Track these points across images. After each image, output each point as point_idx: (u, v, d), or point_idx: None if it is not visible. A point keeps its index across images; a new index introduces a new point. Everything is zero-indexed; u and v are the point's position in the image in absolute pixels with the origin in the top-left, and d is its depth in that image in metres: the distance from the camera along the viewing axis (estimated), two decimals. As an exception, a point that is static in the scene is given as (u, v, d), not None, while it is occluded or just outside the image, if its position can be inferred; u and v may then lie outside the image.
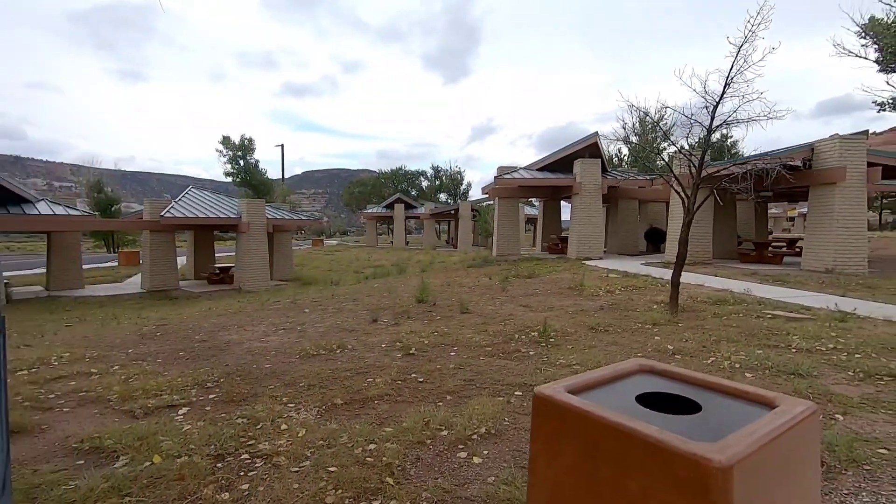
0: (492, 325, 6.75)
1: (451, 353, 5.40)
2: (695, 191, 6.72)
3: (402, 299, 9.12)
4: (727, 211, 16.28)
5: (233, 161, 28.80)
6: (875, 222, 48.34)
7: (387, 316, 7.68)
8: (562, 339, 5.84)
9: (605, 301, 8.14)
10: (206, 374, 4.77)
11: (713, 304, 7.64)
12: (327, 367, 4.92)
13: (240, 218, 17.06)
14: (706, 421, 1.39)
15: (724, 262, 14.36)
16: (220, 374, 4.81)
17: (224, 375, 4.76)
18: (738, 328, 5.92)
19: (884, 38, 18.19)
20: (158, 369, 5.05)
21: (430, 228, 34.95)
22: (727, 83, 6.30)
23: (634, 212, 19.05)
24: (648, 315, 6.70)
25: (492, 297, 8.98)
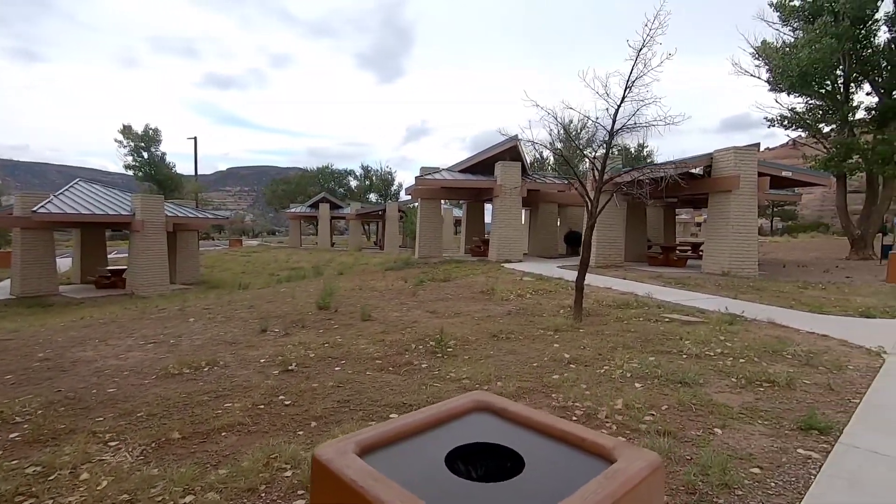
0: (392, 333, 6.29)
1: (336, 368, 4.87)
2: (597, 195, 6.66)
3: (303, 305, 8.43)
4: (638, 216, 16.99)
5: (135, 153, 26.13)
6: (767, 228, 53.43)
7: (280, 325, 6.99)
8: (460, 348, 5.50)
9: (514, 306, 7.96)
10: (20, 405, 3.90)
11: (617, 307, 7.68)
12: (183, 390, 4.22)
13: (133, 215, 15.37)
14: (521, 490, 1.02)
15: (634, 265, 14.91)
16: (41, 403, 3.96)
17: (45, 405, 3.92)
18: (635, 333, 5.89)
19: (773, 60, 19.89)
20: (-41, 400, 4.08)
21: (356, 229, 33.92)
22: (628, 86, 6.28)
23: (554, 215, 19.44)
24: (553, 321, 6.54)
25: (400, 303, 8.53)
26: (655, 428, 3.21)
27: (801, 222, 54.93)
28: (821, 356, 4.92)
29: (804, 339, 5.66)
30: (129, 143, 25.93)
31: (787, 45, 19.87)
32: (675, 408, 3.60)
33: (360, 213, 32.37)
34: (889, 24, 18.67)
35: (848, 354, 5.06)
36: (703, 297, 8.91)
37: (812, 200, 62.78)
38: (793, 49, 18.85)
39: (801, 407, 3.61)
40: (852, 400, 3.76)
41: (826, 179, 15.27)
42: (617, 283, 10.51)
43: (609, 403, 3.65)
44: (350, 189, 50.77)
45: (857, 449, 2.89)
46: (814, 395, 3.88)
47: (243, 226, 67.07)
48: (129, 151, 26.03)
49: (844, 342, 5.57)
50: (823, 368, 4.55)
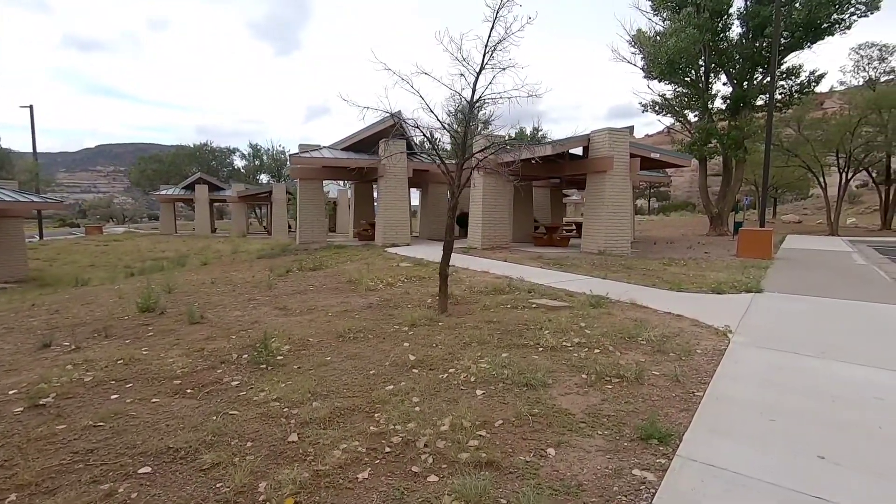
0: (218, 340, 5.21)
1: (113, 396, 3.74)
2: (458, 173, 6.04)
3: (124, 307, 6.95)
4: (525, 196, 17.07)
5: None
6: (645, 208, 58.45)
7: (78, 335, 5.56)
8: (294, 354, 4.61)
9: (379, 297, 7.19)
10: None
11: (488, 294, 7.23)
12: None
13: (-82, 199, 12.17)
14: None
15: (520, 246, 14.91)
16: None
17: None
18: (497, 324, 5.40)
19: (646, 48, 20.98)
20: None
21: (239, 213, 30.94)
22: (486, 52, 5.67)
23: (445, 196, 18.98)
24: (413, 313, 5.87)
25: (249, 299, 7.38)
26: (479, 457, 2.61)
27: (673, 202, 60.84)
28: (672, 340, 4.75)
29: (660, 321, 5.55)
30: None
31: (658, 35, 21.04)
32: (510, 422, 3.05)
33: (242, 196, 29.50)
34: (741, 20, 20.46)
35: (698, 336, 4.97)
36: (576, 278, 8.84)
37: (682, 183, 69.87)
38: (662, 38, 19.96)
39: (646, 407, 3.25)
40: (696, 392, 3.50)
41: (687, 161, 16.40)
42: (496, 266, 10.20)
43: (436, 424, 3.00)
44: (237, 170, 46.54)
45: (694, 463, 2.51)
46: (661, 389, 3.57)
47: (111, 210, 58.94)
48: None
49: (696, 322, 5.54)
50: (674, 354, 4.34)
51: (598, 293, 6.84)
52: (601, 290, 7.18)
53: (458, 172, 6.02)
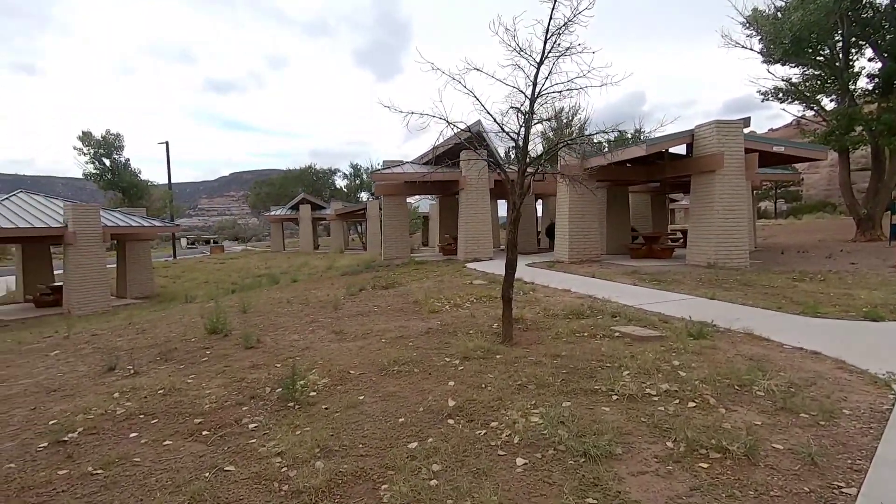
0: (263, 367, 4.96)
1: (132, 434, 3.53)
2: (520, 179, 5.24)
3: (195, 328, 7.10)
4: (619, 203, 15.54)
5: (95, 160, 24.79)
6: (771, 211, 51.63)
7: (143, 357, 5.67)
8: (327, 390, 4.14)
9: (441, 320, 6.57)
10: None
11: (564, 317, 6.28)
12: None
13: (66, 227, 14.10)
14: None
15: (613, 259, 13.47)
16: None
17: None
18: (565, 359, 4.49)
19: (764, 27, 18.27)
20: None
21: (337, 230, 32.53)
22: (548, 37, 4.85)
23: (532, 207, 17.99)
24: (471, 342, 5.15)
25: (312, 320, 7.18)
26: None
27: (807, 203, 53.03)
28: (805, 392, 3.51)
29: (787, 362, 4.24)
30: (90, 150, 24.65)
31: (778, 11, 18.25)
32: (549, 519, 2.21)
33: (340, 213, 30.97)
34: (891, -19, 16.99)
35: (844, 386, 3.65)
36: (676, 297, 7.49)
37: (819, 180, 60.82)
38: (784, 13, 17.23)
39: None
40: (844, 489, 2.36)
41: (822, 154, 13.70)
42: (581, 284, 9.10)
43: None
44: (339, 189, 49.36)
45: None
46: (784, 476, 2.48)
47: (235, 230, 65.92)
48: (90, 159, 24.76)
49: (841, 364, 4.15)
50: (807, 416, 3.14)
51: (702, 318, 5.58)
52: (706, 314, 5.89)
53: (518, 179, 5.23)
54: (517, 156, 5.29)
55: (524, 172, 5.21)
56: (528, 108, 5.08)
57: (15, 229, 13.36)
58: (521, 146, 5.19)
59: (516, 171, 5.25)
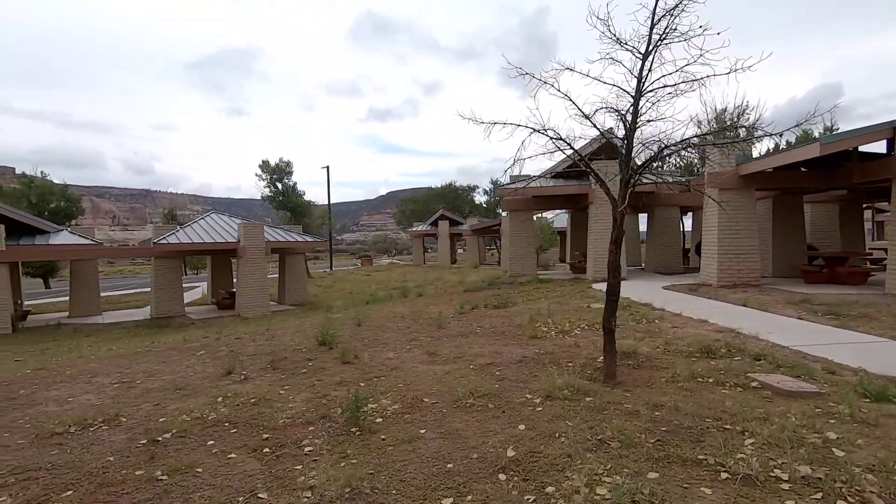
0: (348, 385, 5.02)
1: (210, 442, 3.75)
2: (622, 191, 4.48)
3: (307, 339, 7.57)
4: (791, 216, 12.88)
5: (271, 184, 29.20)
6: None
7: (255, 365, 6.18)
8: (394, 418, 3.96)
9: (542, 347, 5.98)
10: None
11: (689, 355, 5.23)
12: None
13: (238, 242, 16.58)
14: None
15: (780, 284, 11.14)
16: None
17: None
18: (670, 411, 3.64)
19: None
20: None
21: (472, 245, 33.04)
22: (655, 21, 4.08)
23: (675, 221, 15.94)
24: (560, 378, 4.52)
25: (413, 339, 7.14)
26: None
27: None
28: None
29: None
30: (266, 176, 29.18)
31: None
32: None
33: (475, 229, 31.44)
34: None
35: None
36: (858, 339, 5.78)
37: None
38: None
39: None
40: None
41: None
42: (725, 313, 7.61)
43: None
44: (478, 205, 50.38)
45: None
46: None
47: (386, 245, 71.66)
48: (267, 184, 29.28)
49: None
50: None
51: (891, 373, 4.13)
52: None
53: (620, 191, 4.49)
54: (620, 165, 4.55)
55: (628, 183, 4.46)
56: (633, 107, 4.35)
57: (200, 244, 16.11)
58: (625, 153, 4.45)
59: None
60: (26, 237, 15.75)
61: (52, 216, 39.32)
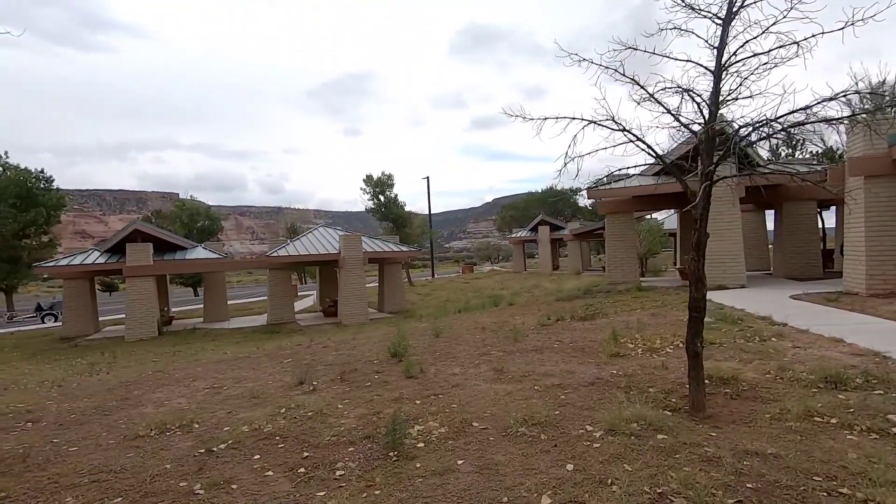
0: (403, 402, 4.87)
1: (257, 456, 3.79)
2: (703, 185, 3.74)
3: (384, 350, 7.58)
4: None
5: (374, 197, 30.73)
6: None
7: (327, 376, 6.31)
8: (437, 444, 3.70)
9: (621, 368, 5.28)
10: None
11: (809, 385, 4.23)
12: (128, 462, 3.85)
13: (339, 253, 17.55)
14: None
15: (960, 291, 8.81)
16: (-3, 458, 4.15)
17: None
18: (766, 460, 2.89)
19: None
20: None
21: (574, 250, 31.44)
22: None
23: (811, 218, 13.51)
24: (632, 408, 3.89)
25: (484, 353, 6.79)
26: None
27: None
28: None
29: None
30: (370, 189, 30.79)
31: None
32: None
33: (576, 233, 29.92)
34: None
35: None
36: None
37: None
38: None
39: None
40: None
41: None
42: (868, 331, 6.15)
43: None
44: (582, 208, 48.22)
45: None
46: None
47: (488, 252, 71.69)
48: (371, 196, 30.87)
49: None
50: None
51: None
52: None
53: (701, 185, 3.76)
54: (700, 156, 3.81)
55: (709, 176, 3.72)
56: (714, 85, 3.62)
57: (306, 255, 17.32)
58: (706, 140, 3.72)
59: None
60: (169, 253, 18.26)
61: (199, 233, 45.72)
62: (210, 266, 18.08)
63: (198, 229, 45.57)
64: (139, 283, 16.47)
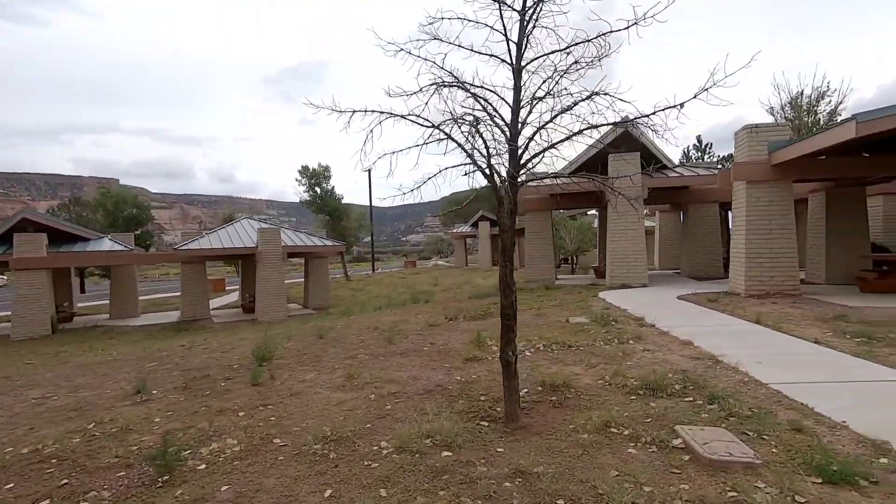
0: (227, 415, 4.47)
1: (9, 485, 3.33)
2: (511, 188, 3.56)
3: (245, 355, 7.13)
4: (849, 212, 10.86)
5: (310, 189, 29.77)
6: None
7: (180, 381, 5.83)
8: (224, 464, 3.40)
9: (470, 374, 5.12)
10: None
11: (629, 393, 4.19)
12: None
13: (256, 247, 16.77)
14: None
15: (829, 293, 9.33)
16: None
17: None
18: (532, 486, 2.74)
19: None
20: None
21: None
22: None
23: (713, 219, 14.07)
24: (436, 421, 3.70)
25: (353, 356, 6.50)
26: None
27: None
28: None
29: None
30: (305, 181, 29.79)
31: None
32: None
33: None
34: None
35: None
36: (879, 375, 4.43)
37: None
38: None
39: None
40: None
41: None
42: (722, 333, 6.32)
43: None
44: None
45: None
46: None
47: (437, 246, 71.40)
48: (306, 189, 29.90)
49: None
50: None
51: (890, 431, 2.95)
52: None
53: (509, 188, 3.58)
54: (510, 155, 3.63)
55: (514, 178, 3.55)
56: (514, 80, 3.44)
57: (221, 249, 16.44)
58: (509, 139, 3.53)
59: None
60: (68, 244, 16.86)
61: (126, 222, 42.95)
62: (112, 259, 16.83)
63: (124, 218, 42.76)
64: (29, 277, 15.11)
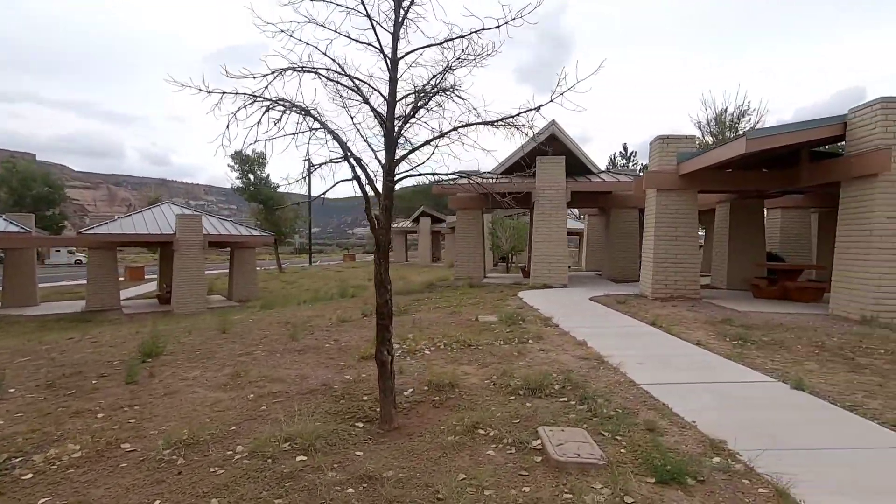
0: (83, 417, 4.08)
1: None
2: (386, 185, 3.48)
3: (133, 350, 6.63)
4: (749, 222, 11.70)
5: (243, 176, 28.43)
6: None
7: (45, 378, 5.29)
8: (56, 472, 3.11)
9: (358, 374, 5.01)
10: None
11: (510, 393, 4.23)
12: None
13: (174, 234, 15.77)
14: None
15: (727, 298, 10.00)
16: None
17: None
18: (374, 493, 2.66)
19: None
20: None
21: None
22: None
23: (632, 224, 14.77)
24: (311, 423, 3.57)
25: (249, 352, 6.20)
26: None
27: None
28: None
29: None
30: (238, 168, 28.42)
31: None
32: None
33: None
34: None
35: None
36: (742, 376, 4.73)
37: None
38: None
39: None
40: None
41: None
42: (618, 334, 6.59)
43: None
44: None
45: None
46: None
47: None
48: (239, 175, 28.53)
49: None
50: None
51: (735, 431, 3.10)
52: (768, 422, 3.33)
53: (384, 185, 3.49)
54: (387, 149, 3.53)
55: (391, 174, 3.45)
56: (390, 73, 3.34)
57: (133, 235, 15.32)
58: (385, 132, 3.43)
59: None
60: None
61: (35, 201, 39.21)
62: (2, 241, 15.24)
63: (32, 196, 39.02)
64: None
